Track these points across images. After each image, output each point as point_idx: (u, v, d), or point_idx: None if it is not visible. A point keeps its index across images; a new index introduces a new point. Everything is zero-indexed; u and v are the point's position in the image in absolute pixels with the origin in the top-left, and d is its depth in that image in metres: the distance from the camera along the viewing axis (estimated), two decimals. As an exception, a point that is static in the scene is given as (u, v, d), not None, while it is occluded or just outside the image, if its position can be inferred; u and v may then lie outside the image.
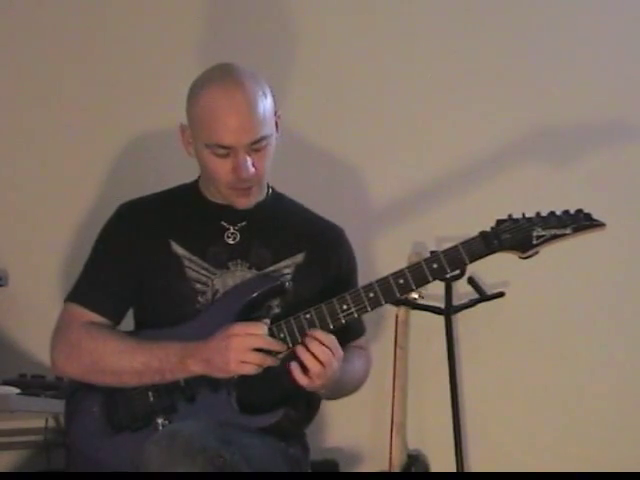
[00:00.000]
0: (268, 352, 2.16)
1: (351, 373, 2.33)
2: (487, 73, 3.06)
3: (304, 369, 2.15)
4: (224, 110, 2.21)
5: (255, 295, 2.25)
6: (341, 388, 2.32)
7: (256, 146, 2.23)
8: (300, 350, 2.16)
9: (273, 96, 2.29)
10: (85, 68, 3.05)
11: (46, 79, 3.05)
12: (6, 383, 2.67)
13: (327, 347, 2.14)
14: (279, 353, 2.18)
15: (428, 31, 3.07)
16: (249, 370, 2.15)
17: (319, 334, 2.16)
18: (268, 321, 2.20)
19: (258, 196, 2.35)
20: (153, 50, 3.05)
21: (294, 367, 2.15)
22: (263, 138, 2.23)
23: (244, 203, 2.32)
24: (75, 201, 3.02)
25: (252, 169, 2.24)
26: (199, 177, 2.41)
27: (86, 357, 2.25)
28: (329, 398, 2.38)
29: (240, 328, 2.16)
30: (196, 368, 2.19)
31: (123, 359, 2.23)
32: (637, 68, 3.06)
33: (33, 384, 2.68)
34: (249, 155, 2.23)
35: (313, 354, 2.14)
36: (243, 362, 2.14)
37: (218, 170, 2.26)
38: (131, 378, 2.23)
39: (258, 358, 2.15)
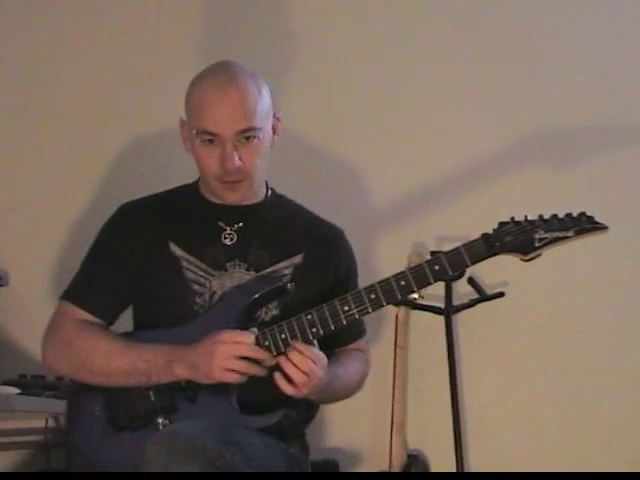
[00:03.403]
0: (254, 361, 2.17)
1: (344, 377, 2.33)
2: (488, 75, 3.05)
3: (289, 379, 2.16)
4: (214, 98, 2.23)
5: (256, 296, 2.25)
6: (333, 393, 2.31)
7: (244, 135, 2.24)
8: (282, 361, 2.16)
9: (272, 99, 2.30)
10: (86, 68, 3.06)
11: (46, 80, 3.05)
12: (6, 383, 2.67)
13: (308, 358, 2.15)
14: (265, 362, 2.18)
15: (429, 33, 3.07)
16: (232, 378, 2.16)
17: (299, 345, 2.16)
18: (256, 330, 2.20)
19: (247, 192, 2.34)
20: (153, 50, 3.06)
21: (278, 377, 2.16)
22: (251, 129, 2.24)
23: (233, 198, 2.32)
24: (75, 201, 3.02)
25: (238, 162, 2.24)
26: (199, 178, 2.41)
27: (76, 356, 2.27)
28: (321, 402, 2.39)
29: (227, 335, 2.17)
30: (181, 372, 2.20)
31: (111, 359, 2.24)
32: (637, 70, 3.05)
33: (33, 384, 2.68)
34: (237, 148, 2.24)
35: (295, 364, 2.15)
36: (227, 369, 2.15)
37: (206, 161, 2.27)
38: (118, 378, 2.24)
39: (242, 366, 2.16)
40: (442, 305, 2.96)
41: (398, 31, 3.06)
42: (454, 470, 2.89)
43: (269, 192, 2.43)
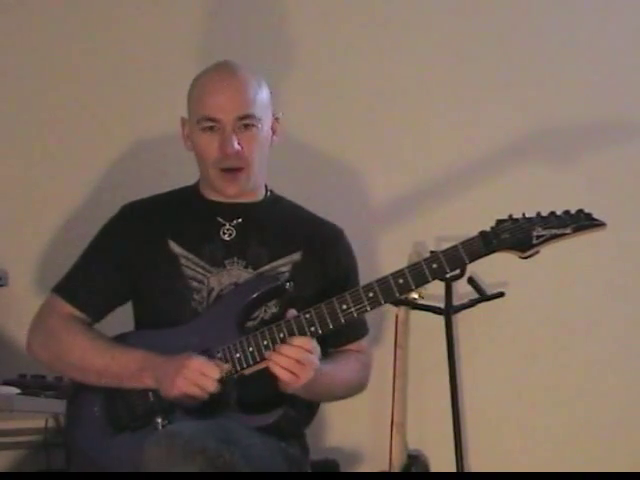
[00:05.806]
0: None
1: (334, 375, 2.30)
2: (487, 73, 3.06)
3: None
4: (215, 87, 2.30)
5: (255, 296, 2.26)
6: (320, 389, 2.26)
7: (244, 122, 2.28)
8: (272, 355, 2.15)
9: (272, 101, 2.34)
10: (86, 70, 3.06)
11: (46, 82, 3.06)
12: (6, 383, 2.67)
13: (297, 346, 2.14)
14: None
15: (428, 32, 3.07)
16: (188, 402, 2.17)
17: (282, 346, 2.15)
18: (228, 366, 2.18)
19: (246, 185, 2.35)
20: (153, 53, 3.07)
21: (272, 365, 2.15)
22: (250, 116, 2.29)
23: (232, 190, 2.33)
24: (75, 202, 3.03)
25: (237, 146, 2.28)
26: (200, 179, 2.43)
27: (55, 347, 2.32)
28: (311, 400, 2.35)
29: (196, 363, 2.16)
30: (149, 382, 2.22)
31: (86, 357, 2.27)
32: (637, 68, 3.05)
33: (33, 384, 2.68)
34: (236, 133, 2.28)
35: (285, 355, 2.14)
36: (185, 394, 2.16)
37: (206, 147, 2.30)
38: (91, 377, 2.27)
39: (200, 394, 2.16)
40: (442, 305, 2.95)
41: (398, 32, 3.07)
42: (454, 470, 2.89)
43: (268, 193, 2.44)
